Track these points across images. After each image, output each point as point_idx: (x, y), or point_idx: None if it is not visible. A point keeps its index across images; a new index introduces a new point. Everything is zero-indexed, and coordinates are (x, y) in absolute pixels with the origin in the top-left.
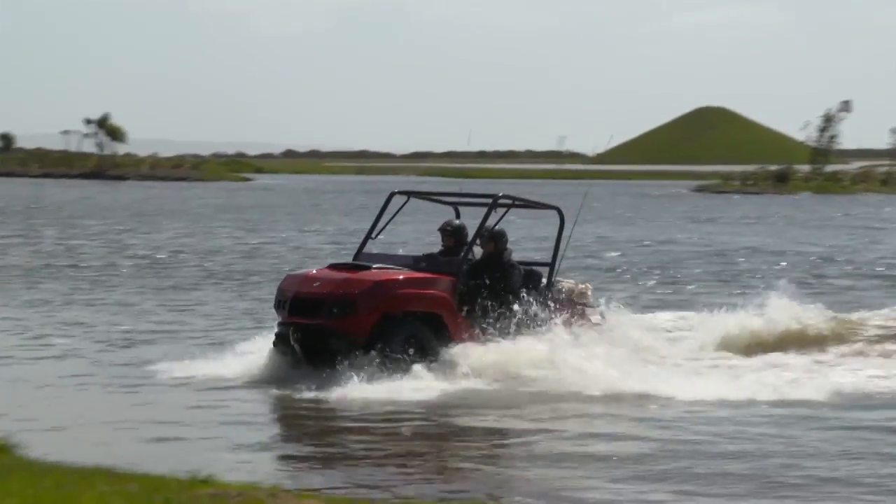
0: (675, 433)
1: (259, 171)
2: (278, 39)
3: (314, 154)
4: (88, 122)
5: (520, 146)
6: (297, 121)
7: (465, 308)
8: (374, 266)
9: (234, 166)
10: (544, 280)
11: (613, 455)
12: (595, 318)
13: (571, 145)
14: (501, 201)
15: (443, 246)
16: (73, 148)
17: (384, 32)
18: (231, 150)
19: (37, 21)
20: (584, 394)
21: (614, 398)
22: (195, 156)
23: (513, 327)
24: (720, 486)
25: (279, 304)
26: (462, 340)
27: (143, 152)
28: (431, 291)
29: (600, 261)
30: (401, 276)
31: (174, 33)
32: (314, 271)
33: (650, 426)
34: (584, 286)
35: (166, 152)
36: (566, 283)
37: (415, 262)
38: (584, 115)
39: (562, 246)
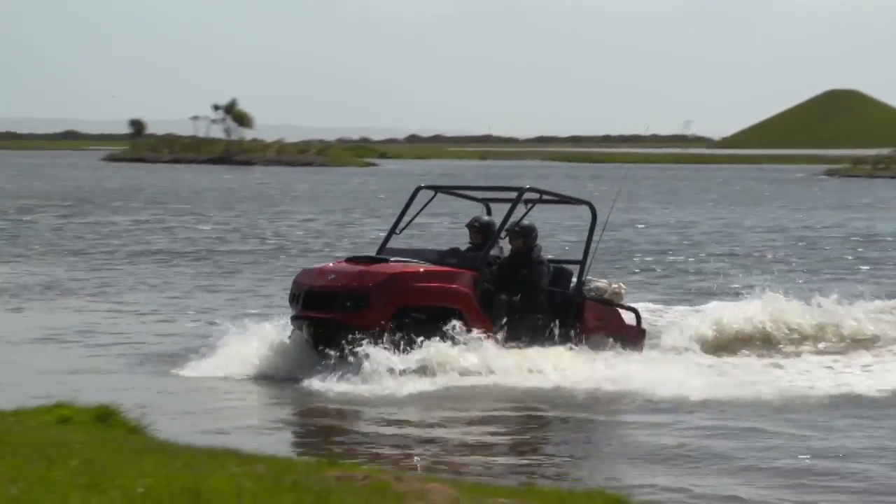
0: None
1: (383, 156)
2: (403, 24)
3: (437, 139)
4: (216, 108)
5: (644, 130)
6: (420, 105)
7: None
8: (392, 259)
9: (359, 151)
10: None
11: None
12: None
13: (697, 129)
14: (528, 195)
15: (470, 243)
16: (201, 134)
17: (508, 15)
18: (355, 136)
19: (166, 8)
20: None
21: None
22: (320, 141)
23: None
24: None
25: (294, 298)
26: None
27: (269, 138)
28: (450, 286)
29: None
30: (418, 270)
31: (300, 19)
32: (330, 265)
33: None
34: (617, 286)
35: (292, 138)
36: (599, 282)
37: (439, 257)
38: (711, 98)
39: (593, 243)
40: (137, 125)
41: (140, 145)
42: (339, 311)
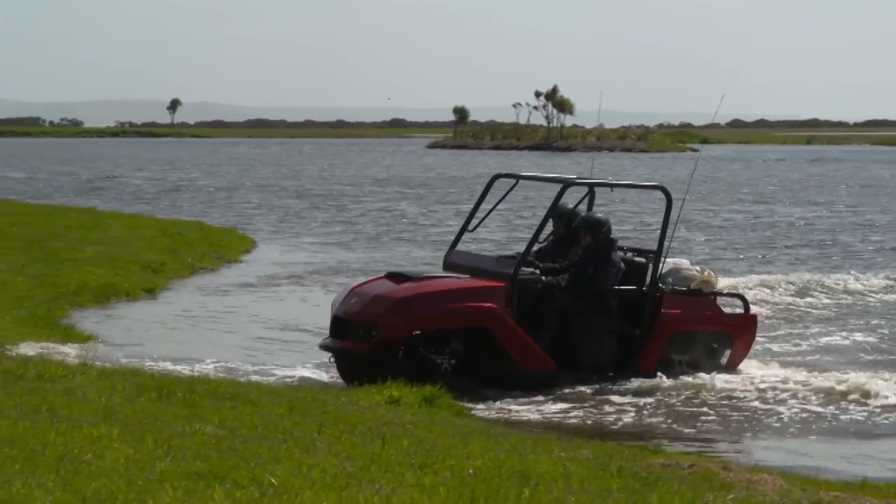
0: None
1: (704, 141)
2: (732, 5)
3: (762, 123)
4: (538, 94)
5: None
6: (744, 89)
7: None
8: (418, 276)
9: (680, 137)
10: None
11: None
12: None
13: None
14: (580, 184)
15: (553, 235)
16: (522, 120)
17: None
18: (676, 121)
19: None
20: None
21: None
22: (641, 126)
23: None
24: None
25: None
26: (525, 355)
27: (589, 124)
28: (472, 304)
29: None
30: (432, 290)
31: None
32: (362, 283)
33: None
34: (707, 273)
35: (612, 124)
36: (689, 271)
37: (495, 265)
38: None
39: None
40: (461, 113)
41: (462, 133)
42: (351, 341)
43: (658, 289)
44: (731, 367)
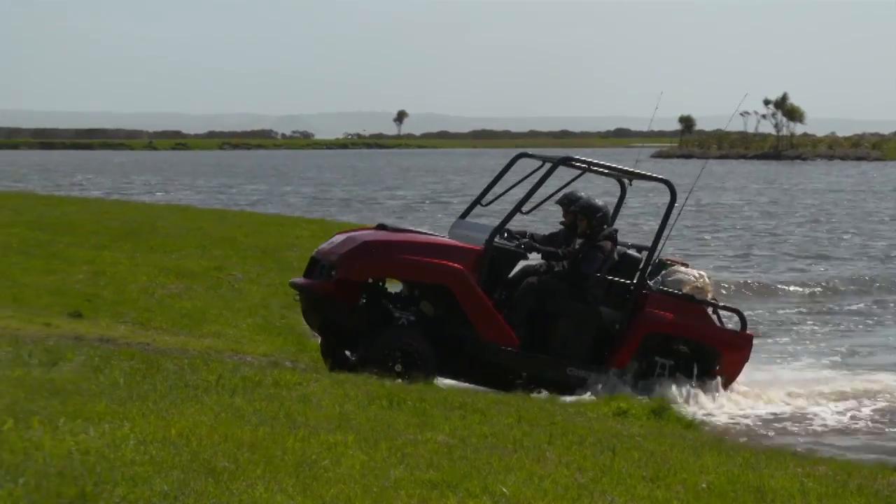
0: None
1: None
2: None
3: None
4: (767, 102)
5: None
6: None
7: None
8: (399, 229)
9: None
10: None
11: None
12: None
13: None
14: (572, 164)
15: (563, 222)
16: (750, 129)
17: None
18: None
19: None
20: None
21: None
22: (875, 134)
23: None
24: None
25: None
26: (486, 324)
27: (820, 132)
28: (435, 260)
29: None
30: (398, 240)
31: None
32: (349, 230)
33: None
34: (701, 280)
35: (845, 132)
36: (685, 274)
37: (478, 231)
38: None
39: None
40: (686, 122)
41: (688, 141)
42: (315, 280)
43: (645, 286)
44: (719, 387)
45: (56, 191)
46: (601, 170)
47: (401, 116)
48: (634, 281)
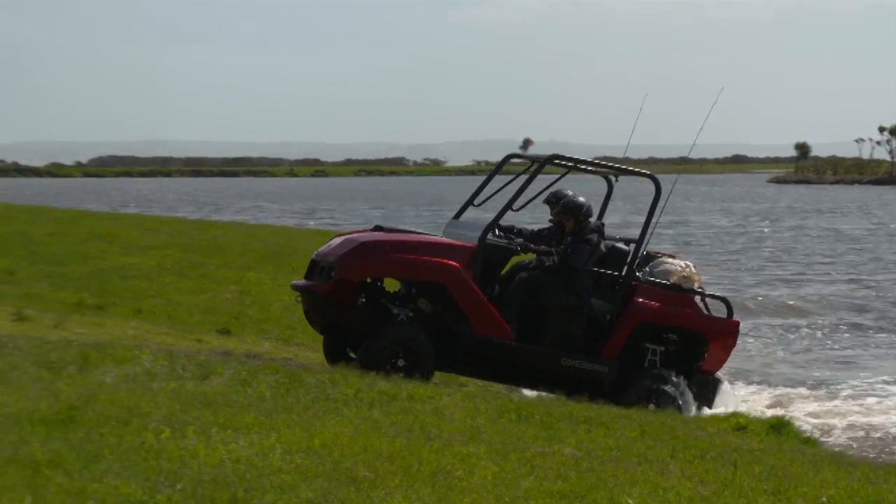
0: None
1: None
2: None
3: None
4: (882, 129)
5: None
6: None
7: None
8: (394, 229)
9: None
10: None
11: None
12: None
13: None
14: (558, 162)
15: (551, 221)
16: (865, 155)
17: None
18: None
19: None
20: None
21: None
22: None
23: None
24: None
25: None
26: (481, 319)
27: None
28: (430, 258)
29: None
30: (395, 240)
31: None
32: (348, 235)
33: None
34: (688, 270)
35: None
36: (671, 265)
37: (471, 229)
38: None
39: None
40: (802, 148)
41: (804, 168)
42: (315, 281)
43: (633, 277)
44: (706, 372)
45: (212, 215)
46: (587, 167)
47: (526, 144)
48: (624, 272)
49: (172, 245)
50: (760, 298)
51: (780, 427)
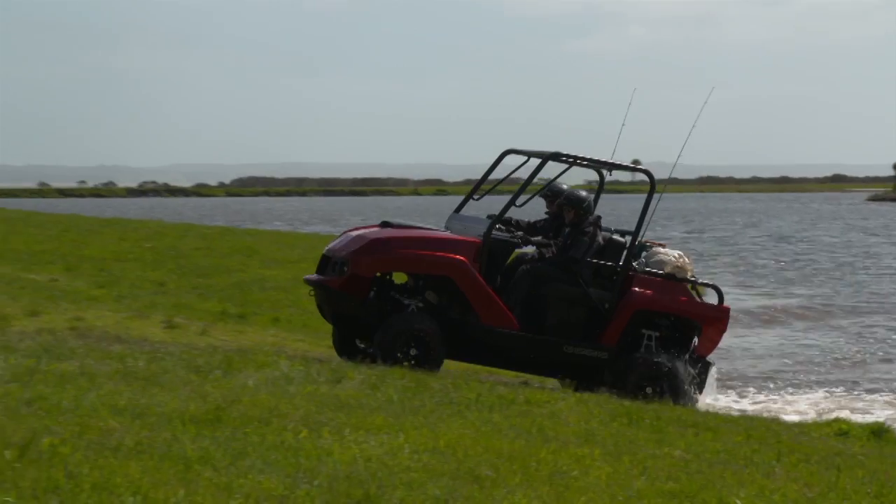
0: None
1: None
2: None
3: None
4: None
5: None
6: None
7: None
8: (402, 225)
9: None
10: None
11: None
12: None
13: None
14: (564, 159)
15: (547, 213)
16: None
17: None
18: None
19: None
20: None
21: None
22: None
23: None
24: None
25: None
26: (488, 310)
27: None
28: (439, 253)
29: None
30: (404, 236)
31: None
32: (356, 228)
33: None
34: (681, 259)
35: None
36: (665, 255)
37: (475, 224)
38: None
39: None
40: None
41: None
42: (329, 276)
43: (630, 268)
44: (700, 356)
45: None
46: (585, 163)
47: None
48: (621, 263)
49: (307, 259)
50: None
51: (880, 433)
